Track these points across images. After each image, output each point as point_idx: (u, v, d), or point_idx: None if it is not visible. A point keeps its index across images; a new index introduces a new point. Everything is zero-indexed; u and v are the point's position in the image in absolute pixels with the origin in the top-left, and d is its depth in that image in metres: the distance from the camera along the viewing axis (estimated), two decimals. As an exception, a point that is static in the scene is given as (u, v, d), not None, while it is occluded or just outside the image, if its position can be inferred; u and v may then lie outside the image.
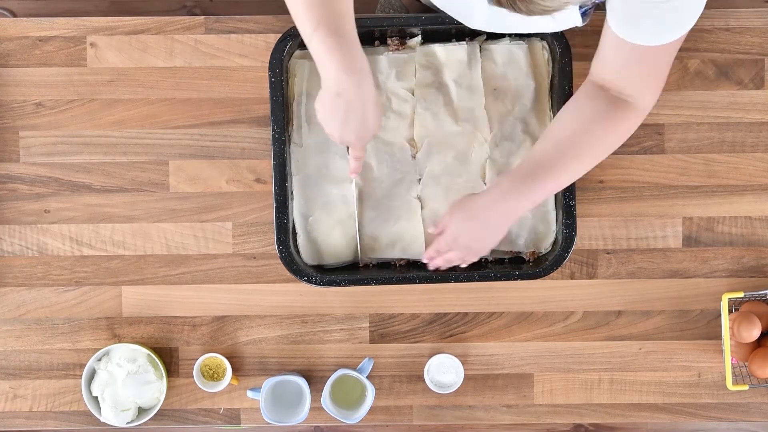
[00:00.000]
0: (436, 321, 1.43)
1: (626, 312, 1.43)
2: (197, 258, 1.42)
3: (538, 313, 1.43)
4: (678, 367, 1.43)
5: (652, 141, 1.41)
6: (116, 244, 1.42)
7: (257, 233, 1.42)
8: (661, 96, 1.40)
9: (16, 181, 1.42)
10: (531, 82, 1.37)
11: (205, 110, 1.41)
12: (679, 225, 1.42)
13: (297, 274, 1.34)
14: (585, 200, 1.41)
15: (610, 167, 1.41)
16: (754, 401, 1.43)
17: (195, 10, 2.17)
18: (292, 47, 1.34)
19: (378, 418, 1.44)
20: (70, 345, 1.43)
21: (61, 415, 1.44)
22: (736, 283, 1.42)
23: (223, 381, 1.41)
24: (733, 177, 1.42)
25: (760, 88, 1.41)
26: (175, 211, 1.42)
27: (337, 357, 1.43)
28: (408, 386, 1.44)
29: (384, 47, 1.38)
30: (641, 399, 1.43)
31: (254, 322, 1.43)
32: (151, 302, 1.43)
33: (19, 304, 1.43)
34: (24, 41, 1.41)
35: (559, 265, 1.34)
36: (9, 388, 1.44)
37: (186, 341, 1.43)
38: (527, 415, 1.44)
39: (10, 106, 1.42)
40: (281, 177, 1.34)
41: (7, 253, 1.43)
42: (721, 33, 1.41)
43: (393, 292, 1.42)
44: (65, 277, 1.43)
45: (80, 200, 1.42)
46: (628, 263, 1.42)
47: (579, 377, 1.43)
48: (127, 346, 1.39)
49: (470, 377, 1.43)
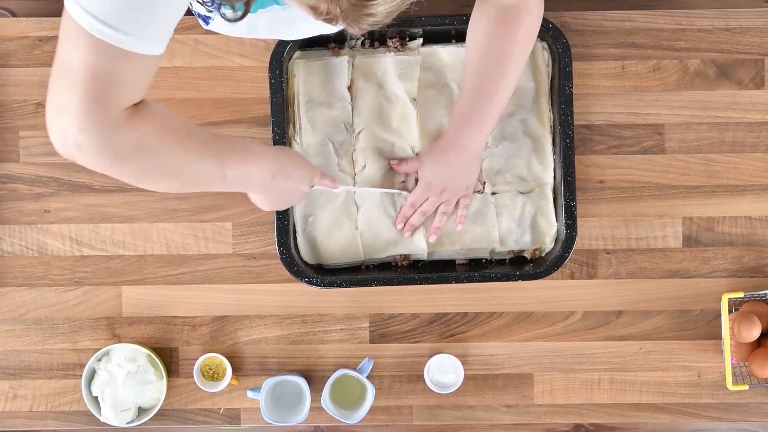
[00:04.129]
0: (436, 321, 1.43)
1: (626, 312, 1.43)
2: (197, 258, 1.42)
3: (538, 313, 1.43)
4: (678, 367, 1.43)
5: (652, 141, 1.41)
6: (116, 244, 1.42)
7: (257, 233, 1.42)
8: (661, 96, 1.41)
9: (16, 181, 1.42)
10: (531, 82, 1.37)
11: (205, 110, 1.41)
12: (679, 225, 1.42)
13: (298, 276, 1.34)
14: (585, 200, 1.41)
15: (610, 167, 1.41)
16: (754, 401, 1.43)
17: (195, 9, 2.16)
18: (291, 48, 1.34)
19: (378, 418, 1.44)
20: (70, 345, 1.43)
21: (61, 415, 1.44)
22: (736, 283, 1.42)
23: (223, 381, 1.41)
24: (733, 177, 1.42)
25: (760, 88, 1.41)
26: (175, 211, 1.42)
27: (337, 357, 1.43)
28: (408, 386, 1.44)
29: (384, 48, 1.38)
30: (641, 399, 1.43)
31: (254, 322, 1.43)
32: (151, 302, 1.43)
33: (19, 304, 1.43)
34: (24, 41, 1.41)
35: (559, 265, 1.34)
36: (9, 388, 1.44)
37: (186, 341, 1.43)
38: (527, 415, 1.44)
39: (10, 106, 1.42)
40: (281, 177, 1.34)
41: (7, 253, 1.42)
42: (721, 33, 1.41)
43: (393, 292, 1.42)
44: (65, 277, 1.43)
45: (80, 200, 1.42)
46: (628, 263, 1.42)
47: (579, 377, 1.43)
48: (127, 346, 1.39)
49: (470, 377, 1.43)
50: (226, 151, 1.05)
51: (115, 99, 0.88)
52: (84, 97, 0.86)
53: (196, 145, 1.01)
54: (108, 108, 0.88)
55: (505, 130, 1.37)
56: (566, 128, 1.33)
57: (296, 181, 1.18)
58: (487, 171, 1.37)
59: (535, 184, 1.37)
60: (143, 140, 0.92)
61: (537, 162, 1.36)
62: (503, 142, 1.37)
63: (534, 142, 1.37)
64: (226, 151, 1.05)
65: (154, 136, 0.94)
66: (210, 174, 1.04)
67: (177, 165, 0.99)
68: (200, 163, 1.02)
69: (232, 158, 1.06)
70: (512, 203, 1.37)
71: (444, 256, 1.39)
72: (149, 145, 0.94)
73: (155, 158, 0.95)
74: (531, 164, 1.36)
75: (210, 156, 1.03)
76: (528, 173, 1.37)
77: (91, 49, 0.84)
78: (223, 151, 1.05)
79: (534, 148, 1.37)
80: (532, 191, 1.37)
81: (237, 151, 1.07)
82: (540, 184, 1.37)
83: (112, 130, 0.89)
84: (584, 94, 1.41)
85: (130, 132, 0.90)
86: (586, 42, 1.41)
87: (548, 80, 1.37)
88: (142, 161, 0.94)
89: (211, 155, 1.03)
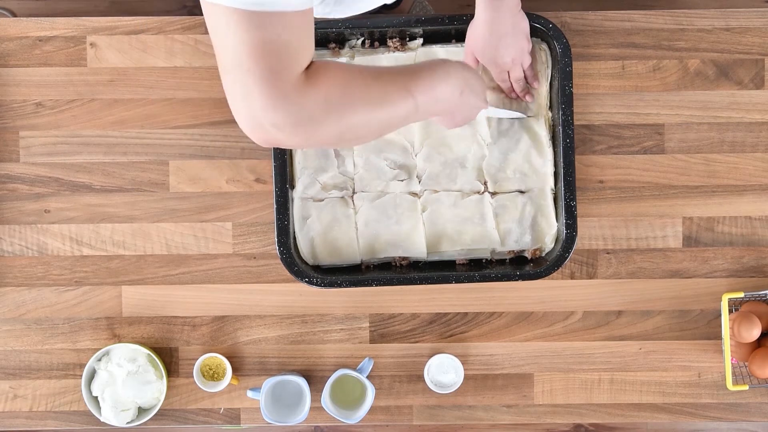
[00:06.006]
0: (436, 321, 1.43)
1: (626, 312, 1.43)
2: (197, 258, 1.42)
3: (538, 313, 1.43)
4: (678, 367, 1.43)
5: (652, 141, 1.41)
6: (116, 244, 1.42)
7: (257, 233, 1.42)
8: (661, 96, 1.41)
9: (16, 181, 1.42)
10: (531, 82, 1.37)
11: (205, 110, 1.41)
12: (679, 225, 1.42)
13: (298, 276, 1.34)
14: (585, 200, 1.41)
15: (610, 167, 1.41)
16: (754, 401, 1.43)
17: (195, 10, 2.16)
18: (292, 47, 1.34)
19: (378, 418, 1.44)
20: (70, 345, 1.43)
21: (61, 415, 1.44)
22: (736, 283, 1.42)
23: (223, 381, 1.41)
24: (733, 177, 1.42)
25: (760, 88, 1.41)
26: (175, 211, 1.42)
27: (337, 357, 1.43)
28: (408, 386, 1.44)
29: (384, 48, 1.38)
30: (641, 399, 1.43)
31: (254, 322, 1.43)
32: (151, 302, 1.43)
33: (19, 304, 1.43)
34: (24, 41, 1.41)
35: (560, 265, 1.34)
36: (9, 388, 1.44)
37: (186, 341, 1.43)
38: (527, 415, 1.44)
39: (10, 106, 1.42)
40: (282, 178, 1.34)
41: (7, 253, 1.43)
42: (721, 33, 1.41)
43: (393, 292, 1.42)
44: (65, 277, 1.43)
45: (80, 200, 1.42)
46: (628, 263, 1.42)
47: (579, 377, 1.43)
48: (127, 346, 1.39)
49: (470, 377, 1.43)
50: (413, 79, 1.02)
51: (288, 66, 0.85)
52: (260, 76, 0.83)
53: (381, 84, 0.98)
54: (286, 78, 0.85)
55: (503, 127, 1.37)
56: (566, 128, 1.33)
57: (478, 94, 1.15)
58: (487, 169, 1.37)
59: (536, 179, 1.37)
60: (331, 96, 0.90)
61: (537, 156, 1.36)
62: (501, 139, 1.37)
63: (533, 138, 1.37)
64: (413, 80, 1.02)
65: (340, 89, 0.91)
66: (404, 110, 1.01)
67: (371, 112, 0.96)
68: (393, 103, 0.99)
69: (420, 86, 1.02)
70: (512, 203, 1.37)
71: (444, 257, 1.39)
72: (338, 100, 0.91)
73: (349, 111, 0.92)
74: (530, 159, 1.36)
75: (398, 90, 1.00)
76: (528, 168, 1.37)
77: (247, 26, 0.81)
78: (410, 81, 1.02)
79: (533, 144, 1.37)
80: (533, 189, 1.37)
81: (423, 76, 1.04)
82: (540, 178, 1.36)
83: (298, 98, 0.86)
84: (584, 94, 1.41)
85: (315, 93, 0.88)
86: (586, 42, 1.41)
87: (548, 80, 1.37)
88: (338, 118, 0.91)
89: (400, 88, 1.00)
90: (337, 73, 0.92)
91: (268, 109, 0.84)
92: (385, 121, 0.99)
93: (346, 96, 0.92)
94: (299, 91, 0.86)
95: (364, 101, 0.95)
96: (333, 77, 0.91)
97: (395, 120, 1.01)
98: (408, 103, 1.00)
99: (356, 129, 0.95)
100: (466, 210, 1.37)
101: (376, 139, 1.18)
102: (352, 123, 0.93)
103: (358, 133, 0.97)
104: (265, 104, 0.84)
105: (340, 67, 0.93)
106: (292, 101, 0.85)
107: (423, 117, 1.06)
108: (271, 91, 0.84)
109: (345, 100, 0.92)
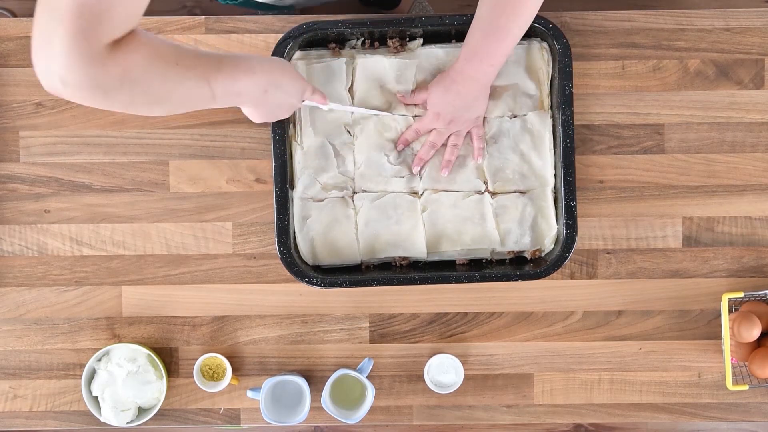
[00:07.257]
0: (436, 321, 1.43)
1: (626, 312, 1.43)
2: (197, 258, 1.42)
3: (538, 313, 1.43)
4: (678, 367, 1.43)
5: (652, 141, 1.41)
6: (116, 244, 1.42)
7: (257, 233, 1.42)
8: (661, 96, 1.41)
9: (16, 181, 1.42)
10: (531, 82, 1.37)
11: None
12: (679, 225, 1.42)
13: (298, 276, 1.34)
14: (585, 200, 1.41)
15: (610, 167, 1.41)
16: (754, 401, 1.43)
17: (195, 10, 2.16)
18: (292, 48, 1.34)
19: (378, 418, 1.44)
20: (70, 345, 1.43)
21: (61, 415, 1.44)
22: (736, 283, 1.42)
23: (223, 381, 1.41)
24: (733, 177, 1.42)
25: (760, 88, 1.41)
26: (175, 211, 1.42)
27: (337, 357, 1.43)
28: (408, 386, 1.44)
29: (384, 48, 1.38)
30: (641, 399, 1.44)
31: (254, 322, 1.43)
32: (151, 302, 1.43)
33: (19, 304, 1.43)
34: (24, 41, 1.41)
35: (560, 265, 1.34)
36: (9, 388, 1.44)
37: (186, 341, 1.43)
38: (527, 415, 1.44)
39: (10, 106, 1.42)
40: (282, 178, 1.34)
41: (7, 253, 1.43)
42: (721, 33, 1.41)
43: (393, 292, 1.42)
44: (65, 277, 1.43)
45: (80, 200, 1.42)
46: (628, 263, 1.42)
47: (579, 377, 1.43)
48: (127, 346, 1.39)
49: (470, 377, 1.43)
50: (215, 70, 1.04)
51: (101, 32, 0.85)
52: (68, 31, 0.83)
53: (182, 69, 0.99)
54: (93, 42, 0.85)
55: (503, 127, 1.37)
56: (566, 128, 1.33)
57: (288, 94, 1.17)
58: (487, 168, 1.37)
59: (536, 180, 1.37)
60: (129, 72, 0.91)
61: (536, 157, 1.36)
62: (502, 139, 1.37)
63: (533, 138, 1.37)
64: (214, 71, 1.03)
65: (141, 67, 0.92)
66: (198, 96, 1.03)
67: (163, 92, 0.98)
68: (187, 88, 1.00)
69: (221, 77, 1.04)
70: (512, 204, 1.37)
71: (444, 257, 1.39)
72: (136, 77, 0.92)
73: (141, 88, 0.94)
74: (530, 159, 1.36)
75: (197, 78, 1.01)
76: (528, 169, 1.37)
77: None
78: (210, 71, 1.03)
79: (533, 145, 1.37)
80: (533, 190, 1.37)
81: (226, 68, 1.05)
82: (540, 179, 1.37)
83: (97, 64, 0.86)
84: (584, 94, 1.41)
85: (115, 65, 0.89)
86: (586, 42, 1.41)
87: (548, 80, 1.37)
88: (128, 92, 0.92)
89: (198, 77, 1.01)
90: (146, 50, 0.93)
91: (64, 66, 0.85)
92: (177, 103, 1.02)
93: (144, 74, 0.93)
94: (99, 60, 0.87)
95: (161, 81, 0.96)
96: (141, 53, 0.92)
97: (189, 104, 1.04)
98: (204, 91, 1.02)
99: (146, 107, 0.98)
100: (466, 210, 1.37)
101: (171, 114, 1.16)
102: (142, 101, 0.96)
103: (147, 110, 0.99)
104: (63, 61, 0.85)
105: (152, 44, 0.94)
106: (89, 68, 0.86)
107: (223, 105, 1.08)
108: (73, 50, 0.84)
109: (142, 78, 0.93)
